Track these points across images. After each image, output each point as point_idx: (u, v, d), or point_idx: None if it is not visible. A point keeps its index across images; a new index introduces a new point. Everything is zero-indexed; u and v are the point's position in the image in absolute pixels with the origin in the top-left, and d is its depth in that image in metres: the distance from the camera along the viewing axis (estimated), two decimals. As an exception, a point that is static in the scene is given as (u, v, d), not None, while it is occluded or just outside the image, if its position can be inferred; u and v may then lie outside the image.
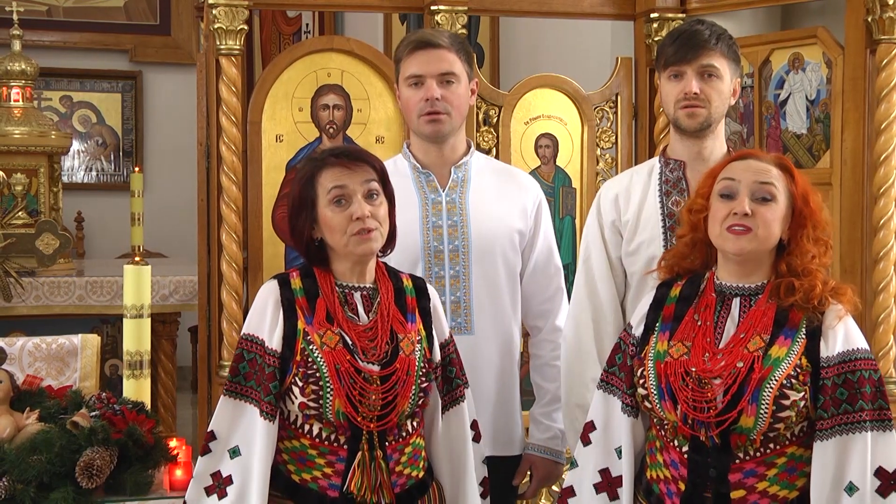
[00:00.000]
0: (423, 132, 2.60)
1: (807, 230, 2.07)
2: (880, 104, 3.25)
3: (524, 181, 2.77)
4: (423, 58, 2.58)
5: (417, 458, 2.20)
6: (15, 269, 4.70)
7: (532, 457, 2.69)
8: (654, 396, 2.06)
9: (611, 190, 2.65)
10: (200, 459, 2.12)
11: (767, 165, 2.10)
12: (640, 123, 3.68)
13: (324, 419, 2.08)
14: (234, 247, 3.33)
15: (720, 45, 2.47)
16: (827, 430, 1.97)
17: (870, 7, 3.25)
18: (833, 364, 2.00)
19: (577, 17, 3.88)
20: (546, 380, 2.72)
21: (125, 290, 2.84)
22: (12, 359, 2.92)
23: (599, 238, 2.60)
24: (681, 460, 2.05)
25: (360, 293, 2.19)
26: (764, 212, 2.05)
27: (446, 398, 2.28)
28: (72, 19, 7.73)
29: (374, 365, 2.10)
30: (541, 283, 2.70)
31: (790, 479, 2.01)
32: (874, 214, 3.26)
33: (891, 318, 3.26)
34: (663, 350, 2.09)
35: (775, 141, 3.57)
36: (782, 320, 2.04)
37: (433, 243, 2.59)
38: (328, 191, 2.15)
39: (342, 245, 2.15)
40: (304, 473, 2.12)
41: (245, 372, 2.12)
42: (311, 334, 2.11)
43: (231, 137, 3.34)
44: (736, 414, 1.96)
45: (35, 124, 5.23)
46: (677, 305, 2.14)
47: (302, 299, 2.15)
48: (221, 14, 3.32)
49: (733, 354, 2.02)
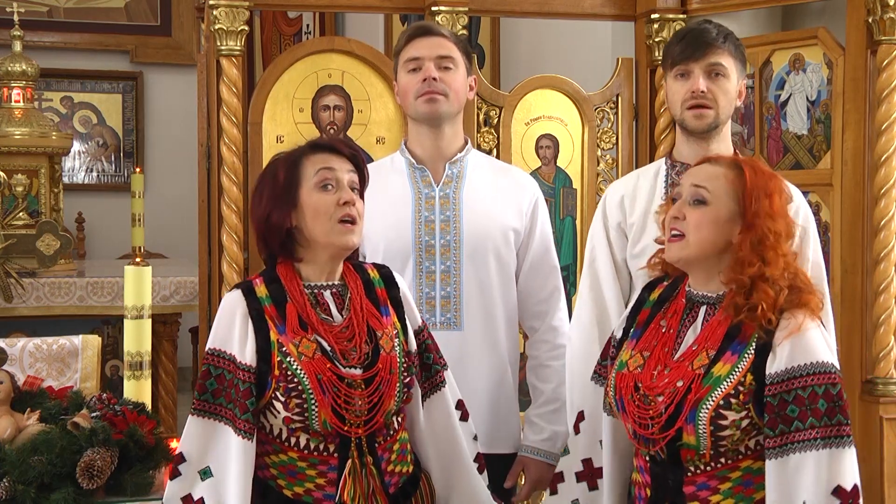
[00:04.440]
0: (420, 112, 2.58)
1: (752, 234, 1.96)
2: (881, 105, 3.25)
3: (521, 179, 2.76)
4: (421, 42, 2.59)
5: (405, 452, 2.16)
6: (16, 270, 4.71)
7: (525, 458, 2.67)
8: (614, 406, 2.06)
9: (617, 192, 2.64)
10: (170, 484, 2.04)
11: (715, 168, 2.02)
12: (640, 124, 3.68)
13: (310, 430, 2.02)
14: (234, 247, 3.33)
15: (728, 44, 2.47)
16: (774, 449, 1.89)
17: (870, 8, 3.25)
18: (779, 381, 1.90)
19: (578, 17, 3.88)
20: (542, 380, 2.70)
21: (126, 290, 2.83)
22: (13, 360, 2.92)
23: (605, 240, 2.60)
24: (645, 468, 2.04)
25: (330, 291, 2.11)
26: (694, 215, 1.99)
27: (426, 385, 2.23)
28: (72, 20, 7.74)
29: (356, 369, 2.04)
30: (537, 283, 2.69)
31: (746, 492, 1.95)
32: (875, 215, 3.26)
33: (891, 318, 3.26)
34: (625, 360, 2.07)
35: (776, 142, 3.57)
36: (734, 333, 1.96)
37: (425, 237, 2.59)
38: (315, 172, 2.07)
39: (324, 233, 2.05)
40: (296, 487, 2.05)
41: (213, 389, 2.02)
42: (286, 345, 2.02)
43: (232, 138, 3.34)
44: (674, 432, 1.93)
45: (36, 125, 5.23)
46: (651, 310, 2.12)
47: (270, 307, 2.05)
48: (222, 15, 3.32)
49: (678, 371, 1.97)
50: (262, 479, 2.07)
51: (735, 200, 1.99)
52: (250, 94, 3.51)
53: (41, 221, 4.98)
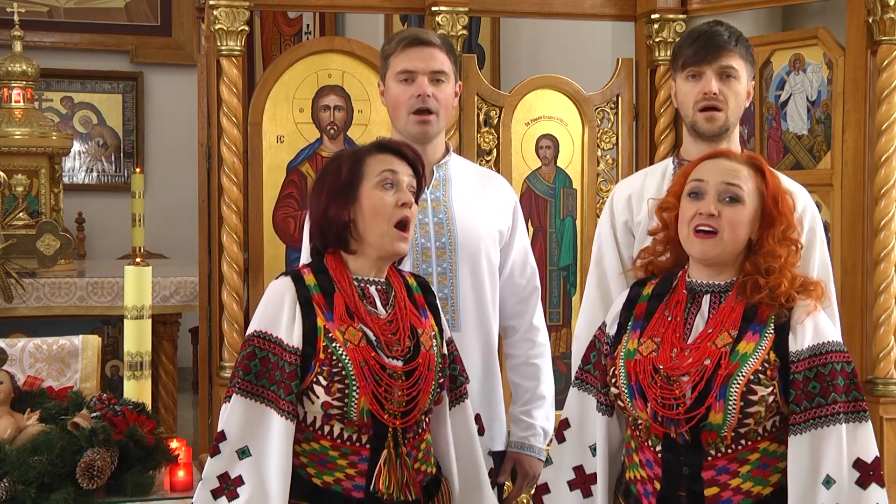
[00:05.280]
0: (411, 132, 2.59)
1: (774, 230, 2.05)
2: (881, 105, 3.25)
3: (501, 183, 2.80)
4: (415, 54, 2.58)
5: (429, 454, 2.19)
6: (16, 270, 4.71)
7: (514, 454, 2.70)
8: (626, 395, 2.06)
9: (624, 191, 2.65)
10: (209, 461, 2.06)
11: (737, 165, 2.08)
12: (640, 124, 3.68)
13: (346, 419, 2.04)
14: (234, 248, 3.34)
15: (739, 46, 2.48)
16: (800, 425, 1.97)
17: (871, 8, 3.26)
18: (803, 358, 1.99)
19: (578, 17, 3.89)
20: (525, 378, 2.72)
21: (126, 291, 2.84)
22: (13, 360, 2.93)
23: (612, 239, 2.61)
24: (655, 459, 2.05)
25: (376, 287, 2.16)
26: (730, 213, 2.04)
27: (451, 395, 2.27)
28: (73, 20, 7.73)
29: (397, 360, 2.08)
30: (518, 283, 2.71)
31: (763, 475, 2.00)
32: (875, 215, 3.26)
33: (891, 319, 3.26)
34: (633, 348, 2.09)
35: (776, 142, 3.57)
36: (751, 316, 2.03)
37: (420, 240, 2.60)
38: (378, 172, 2.12)
39: (379, 234, 2.10)
40: (325, 476, 2.08)
41: (257, 370, 2.05)
42: (333, 331, 2.06)
43: (232, 138, 3.34)
44: (704, 410, 1.96)
45: (36, 125, 5.23)
46: (649, 303, 2.14)
47: (318, 296, 2.09)
48: (222, 15, 3.32)
49: (701, 351, 2.02)
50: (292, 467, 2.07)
51: (758, 199, 2.06)
52: (250, 94, 3.51)
53: (41, 222, 4.99)
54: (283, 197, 3.45)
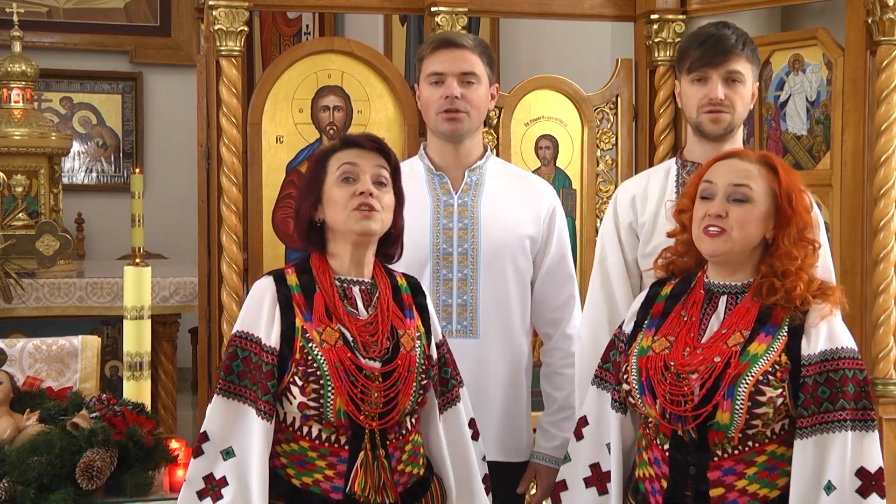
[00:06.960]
0: (441, 130, 2.60)
1: (789, 230, 2.06)
2: (880, 105, 3.25)
3: (539, 187, 2.76)
4: (445, 56, 2.60)
5: (417, 455, 2.19)
6: (15, 271, 4.70)
7: (537, 465, 2.67)
8: (636, 391, 2.07)
9: (628, 191, 2.65)
10: (193, 462, 2.08)
11: (749, 165, 2.09)
12: (640, 125, 3.68)
13: (324, 420, 2.05)
14: (234, 248, 3.33)
15: (745, 50, 2.47)
16: (807, 429, 1.97)
17: (870, 8, 3.25)
18: (814, 362, 1.99)
19: (578, 18, 3.88)
20: (555, 388, 2.71)
21: (125, 291, 2.84)
22: (12, 360, 2.93)
23: (616, 239, 2.60)
24: (663, 458, 2.06)
25: (359, 287, 2.16)
26: (737, 213, 2.05)
27: (442, 399, 2.27)
28: (72, 20, 7.73)
29: (375, 361, 2.08)
30: (552, 290, 2.69)
31: (770, 477, 2.01)
32: (874, 216, 3.26)
33: (891, 319, 3.26)
34: (647, 345, 2.10)
35: (775, 142, 3.57)
36: (765, 317, 2.04)
37: (442, 245, 2.60)
38: (338, 167, 2.14)
39: (342, 221, 2.11)
40: (304, 477, 2.09)
41: (239, 371, 2.08)
42: (310, 332, 2.07)
43: (231, 139, 3.34)
44: (711, 408, 1.97)
45: (35, 126, 5.23)
46: (666, 303, 2.16)
47: (299, 296, 2.12)
48: (222, 15, 3.32)
49: (712, 349, 2.03)
50: (271, 468, 2.09)
51: (771, 198, 2.06)
52: (250, 94, 3.51)
53: (41, 222, 4.98)
54: (283, 197, 3.45)
